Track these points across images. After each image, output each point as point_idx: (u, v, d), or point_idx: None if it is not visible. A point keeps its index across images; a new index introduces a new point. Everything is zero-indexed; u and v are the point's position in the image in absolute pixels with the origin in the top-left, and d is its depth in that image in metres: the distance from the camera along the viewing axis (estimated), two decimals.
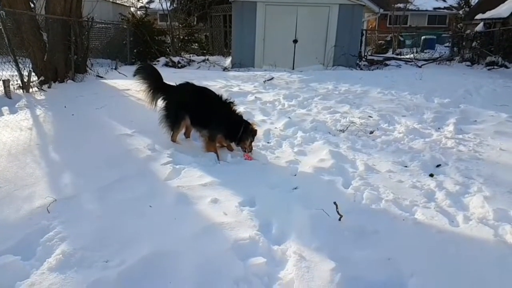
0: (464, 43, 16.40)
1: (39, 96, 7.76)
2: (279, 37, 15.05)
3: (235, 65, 14.87)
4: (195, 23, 23.66)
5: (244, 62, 14.83)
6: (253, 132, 4.71)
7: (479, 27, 15.39)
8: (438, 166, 4.44)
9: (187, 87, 5.03)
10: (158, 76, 5.04)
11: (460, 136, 5.54)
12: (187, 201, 3.26)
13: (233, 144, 4.93)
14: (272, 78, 11.06)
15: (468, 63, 15.35)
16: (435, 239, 2.79)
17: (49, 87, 8.52)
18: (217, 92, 5.05)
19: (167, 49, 17.68)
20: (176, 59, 15.68)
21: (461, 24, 17.50)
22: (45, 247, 2.47)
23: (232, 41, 15.49)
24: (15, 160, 4.08)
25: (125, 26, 15.98)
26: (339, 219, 2.94)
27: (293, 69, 14.88)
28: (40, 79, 8.70)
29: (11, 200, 3.14)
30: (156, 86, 5.00)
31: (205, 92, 5.00)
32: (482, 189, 3.66)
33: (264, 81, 10.55)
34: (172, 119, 4.85)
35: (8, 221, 2.82)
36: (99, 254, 2.39)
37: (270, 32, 15.03)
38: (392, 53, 23.58)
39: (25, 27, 8.43)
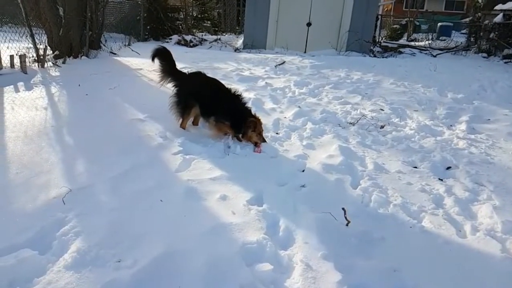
0: (481, 34, 15.99)
1: (54, 72, 7.82)
2: (293, 19, 14.78)
3: (247, 46, 14.71)
4: None
5: (256, 44, 14.66)
6: (252, 125, 4.59)
7: (498, 18, 14.94)
8: (448, 168, 4.41)
9: (199, 77, 5.07)
10: (172, 62, 5.11)
11: (473, 136, 5.49)
12: (196, 196, 3.29)
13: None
14: (283, 62, 10.96)
15: (485, 54, 15.00)
16: (441, 250, 2.80)
17: (63, 63, 8.58)
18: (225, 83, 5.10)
19: (180, 27, 17.53)
20: (188, 37, 15.54)
21: (479, 14, 16.98)
22: (61, 241, 2.52)
23: (245, 22, 15.26)
24: (31, 143, 4.16)
25: (139, 2, 15.84)
26: (347, 225, 2.97)
27: (305, 52, 14.67)
28: (55, 53, 8.77)
29: (28, 188, 3.21)
30: (169, 71, 5.06)
31: (216, 83, 5.03)
32: (491, 197, 3.64)
33: (275, 66, 10.46)
34: (182, 105, 4.88)
35: (25, 210, 2.89)
36: (112, 252, 2.44)
37: (283, 14, 14.77)
38: (407, 39, 23.11)
39: (42, 2, 8.45)
